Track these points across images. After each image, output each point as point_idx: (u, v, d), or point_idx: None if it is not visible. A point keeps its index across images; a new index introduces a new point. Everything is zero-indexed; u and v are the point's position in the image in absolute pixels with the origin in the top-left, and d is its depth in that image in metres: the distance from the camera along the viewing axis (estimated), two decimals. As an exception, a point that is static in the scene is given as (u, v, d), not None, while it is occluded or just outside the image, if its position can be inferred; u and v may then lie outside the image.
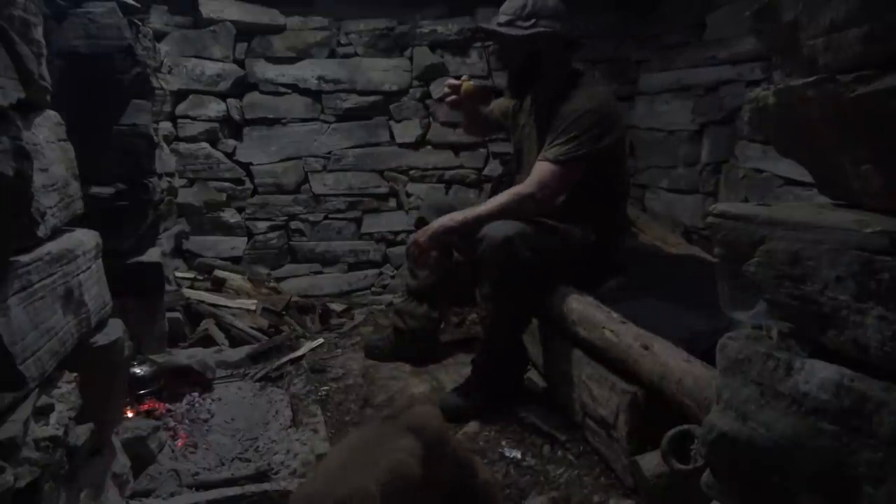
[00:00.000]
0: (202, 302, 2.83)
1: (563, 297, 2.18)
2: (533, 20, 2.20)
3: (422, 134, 3.68)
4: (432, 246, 2.27)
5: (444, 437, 1.47)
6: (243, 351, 2.55)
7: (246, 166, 3.51)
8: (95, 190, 1.98)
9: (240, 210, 3.53)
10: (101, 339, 1.38)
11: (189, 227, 3.41)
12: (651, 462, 1.57)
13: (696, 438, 1.38)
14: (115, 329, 1.44)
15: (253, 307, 2.93)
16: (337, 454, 1.43)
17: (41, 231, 1.13)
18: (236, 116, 3.45)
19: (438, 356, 2.64)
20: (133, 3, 2.17)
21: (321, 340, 2.85)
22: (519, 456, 1.95)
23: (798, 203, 1.30)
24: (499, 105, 2.64)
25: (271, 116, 3.50)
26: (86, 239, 1.36)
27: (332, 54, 3.57)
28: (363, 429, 1.75)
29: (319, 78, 3.52)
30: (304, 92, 3.53)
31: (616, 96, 3.75)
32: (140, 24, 2.30)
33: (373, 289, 3.71)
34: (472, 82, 2.54)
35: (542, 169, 2.19)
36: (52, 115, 1.27)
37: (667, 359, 1.64)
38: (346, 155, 3.62)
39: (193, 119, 3.36)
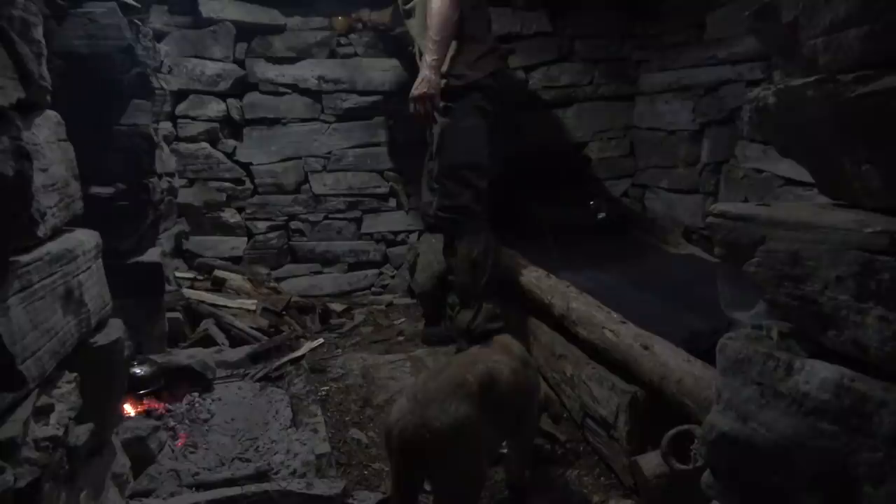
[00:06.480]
0: (202, 302, 2.82)
1: (556, 288, 2.17)
2: None
3: (422, 134, 3.68)
4: (433, 98, 2.37)
5: (527, 355, 1.82)
6: (243, 351, 2.55)
7: (246, 166, 3.51)
8: (95, 190, 1.98)
9: (240, 210, 3.53)
10: (101, 339, 1.38)
11: (189, 227, 3.41)
12: (651, 462, 1.57)
13: (696, 438, 1.38)
14: (115, 329, 1.44)
15: (253, 307, 2.93)
16: (434, 370, 1.68)
17: (41, 231, 1.13)
18: (236, 116, 3.45)
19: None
20: (133, 3, 2.17)
21: (321, 340, 2.85)
22: (519, 456, 1.94)
23: (798, 203, 1.30)
24: None
25: (271, 116, 3.49)
26: (86, 239, 1.36)
27: (332, 54, 3.56)
28: (458, 356, 2.02)
29: (319, 78, 3.52)
30: (304, 92, 3.53)
31: (616, 96, 3.79)
32: (140, 24, 2.30)
33: (373, 289, 3.71)
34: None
35: None
36: (52, 115, 1.27)
37: (667, 359, 1.64)
38: (346, 155, 3.62)
39: (193, 119, 3.35)
